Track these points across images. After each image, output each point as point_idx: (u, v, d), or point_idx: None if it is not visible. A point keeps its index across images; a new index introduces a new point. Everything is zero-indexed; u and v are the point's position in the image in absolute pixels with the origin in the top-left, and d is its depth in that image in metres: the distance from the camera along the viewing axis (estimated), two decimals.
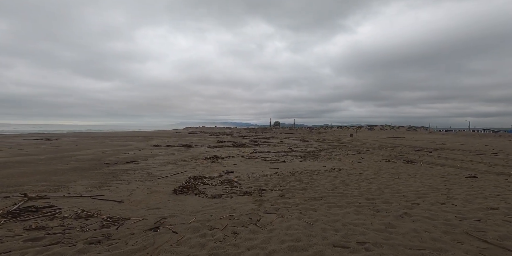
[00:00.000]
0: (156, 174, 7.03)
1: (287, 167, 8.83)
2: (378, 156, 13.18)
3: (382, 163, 10.24)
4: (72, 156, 10.62)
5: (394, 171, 8.18)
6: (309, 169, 8.39)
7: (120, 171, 7.44)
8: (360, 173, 7.60)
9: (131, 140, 22.15)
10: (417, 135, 55.31)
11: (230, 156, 12.24)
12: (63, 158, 9.76)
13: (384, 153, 15.06)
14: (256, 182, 6.32)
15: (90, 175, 6.74)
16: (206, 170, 7.92)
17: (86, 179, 6.19)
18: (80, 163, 8.67)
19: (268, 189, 5.61)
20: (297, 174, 7.42)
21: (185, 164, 9.11)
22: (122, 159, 9.95)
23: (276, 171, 7.94)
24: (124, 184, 5.82)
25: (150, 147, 16.10)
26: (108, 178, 6.37)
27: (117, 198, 4.65)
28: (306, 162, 10.53)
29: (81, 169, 7.61)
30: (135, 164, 8.89)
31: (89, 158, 9.97)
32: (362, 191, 5.43)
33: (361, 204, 4.48)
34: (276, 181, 6.44)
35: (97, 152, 12.17)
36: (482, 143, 27.06)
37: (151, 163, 9.25)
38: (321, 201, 4.73)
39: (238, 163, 9.89)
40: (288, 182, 6.34)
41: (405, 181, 6.59)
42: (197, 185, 5.72)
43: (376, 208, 4.29)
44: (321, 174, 7.44)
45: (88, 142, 18.32)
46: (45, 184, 5.59)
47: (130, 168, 7.93)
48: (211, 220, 3.66)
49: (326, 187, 5.84)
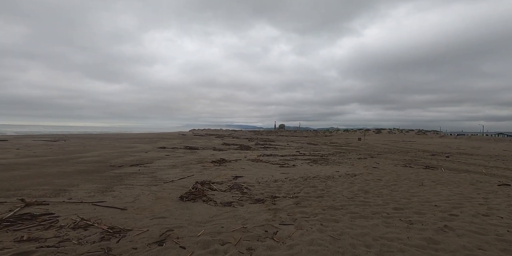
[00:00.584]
0: (161, 178, 6.71)
1: (298, 172, 8.39)
2: (392, 160, 12.58)
3: (398, 168, 9.68)
4: (78, 157, 10.44)
5: (415, 177, 7.64)
6: (322, 174, 7.94)
7: (125, 174, 7.15)
8: (378, 179, 7.10)
9: (137, 142, 22.04)
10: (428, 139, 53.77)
11: (237, 159, 11.87)
12: (69, 160, 9.57)
13: (397, 157, 14.42)
14: (267, 188, 5.91)
15: (94, 178, 6.46)
16: (214, 174, 7.56)
17: (89, 183, 5.91)
18: (86, 165, 8.44)
19: (281, 196, 5.20)
20: (310, 180, 6.98)
21: (191, 168, 8.78)
22: (128, 162, 9.69)
23: (287, 176, 7.52)
24: (128, 188, 5.51)
25: (156, 149, 15.88)
26: (112, 182, 6.07)
27: (120, 205, 4.32)
28: (317, 166, 10.06)
29: (86, 171, 7.36)
30: (140, 167, 8.61)
31: (95, 160, 9.76)
32: (386, 199, 4.96)
33: (389, 215, 4.02)
34: (288, 187, 6.02)
35: (104, 154, 11.98)
36: (499, 148, 25.93)
37: (157, 166, 8.95)
38: (342, 210, 4.29)
39: (246, 166, 9.51)
40: (301, 188, 5.91)
41: (431, 188, 6.07)
42: (205, 191, 5.35)
43: (408, 219, 3.83)
44: (336, 180, 6.98)
45: (96, 144, 18.26)
46: (46, 187, 5.31)
47: (135, 171, 7.64)
48: (222, 233, 3.27)
49: (344, 194, 5.39)
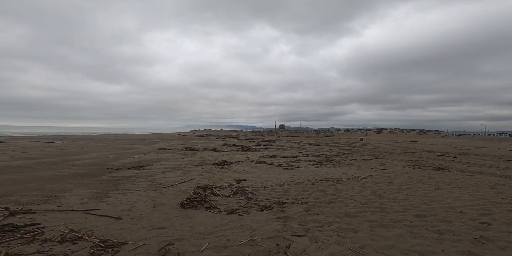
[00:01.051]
0: (161, 182, 6.34)
1: (304, 174, 8.02)
2: (399, 161, 12.21)
3: (408, 169, 9.31)
4: (74, 160, 10.07)
5: (428, 179, 7.27)
6: (329, 177, 7.57)
7: (122, 178, 6.78)
8: (389, 182, 6.73)
9: (137, 143, 21.68)
10: (430, 139, 53.39)
11: (240, 161, 11.50)
12: (65, 163, 9.21)
13: (403, 158, 14.05)
14: (273, 193, 5.55)
15: (89, 182, 6.09)
16: (216, 178, 7.19)
17: (83, 188, 5.54)
18: (81, 168, 8.07)
19: (289, 202, 4.83)
20: (317, 183, 6.61)
21: (192, 170, 8.41)
22: (126, 164, 9.33)
23: (292, 179, 7.16)
24: (125, 194, 5.14)
25: (156, 150, 15.52)
26: (108, 187, 5.70)
27: (114, 213, 3.95)
28: (322, 168, 9.69)
29: (81, 175, 6.99)
30: (139, 169, 8.24)
31: (92, 163, 9.39)
32: (404, 205, 4.59)
33: (412, 223, 3.65)
34: (296, 192, 5.65)
35: (101, 156, 11.62)
36: (504, 148, 25.55)
37: (156, 168, 8.58)
38: (358, 218, 3.92)
39: (249, 169, 9.14)
40: (310, 193, 5.54)
41: (449, 192, 5.70)
42: (207, 197, 4.99)
43: (435, 228, 3.46)
44: (345, 183, 6.61)
45: (94, 145, 17.89)
46: (36, 193, 4.95)
47: (133, 175, 7.27)
48: (228, 247, 2.91)
49: (357, 199, 5.02)
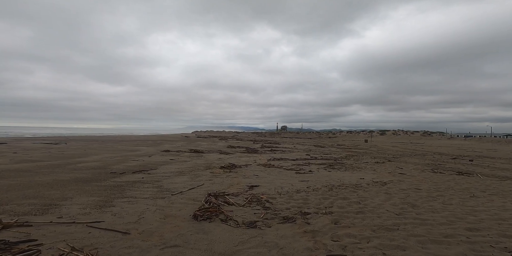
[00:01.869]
0: (168, 189, 5.90)
1: (319, 179, 7.55)
2: (414, 165, 11.68)
3: (428, 174, 8.79)
4: (77, 162, 9.69)
5: (456, 185, 6.76)
6: (346, 182, 7.09)
7: (127, 183, 6.35)
8: (416, 188, 6.23)
9: (140, 145, 21.33)
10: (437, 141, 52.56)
11: (247, 164, 11.05)
12: (66, 166, 8.82)
13: (417, 161, 13.51)
14: (291, 201, 5.08)
15: (91, 189, 5.67)
16: (226, 183, 6.74)
17: (85, 195, 5.11)
18: (84, 172, 7.66)
19: (312, 212, 4.37)
20: (336, 189, 6.14)
21: (200, 175, 7.97)
22: (131, 167, 8.91)
23: (308, 185, 6.69)
24: (131, 202, 4.70)
25: (160, 152, 15.12)
26: (112, 194, 5.27)
27: (121, 226, 3.51)
28: (336, 172, 9.20)
29: (83, 180, 6.58)
30: (144, 174, 7.81)
31: (95, 166, 8.99)
32: (446, 216, 4.10)
33: (470, 239, 3.17)
34: (316, 199, 5.18)
35: (105, 158, 11.23)
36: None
37: (162, 172, 8.16)
38: (399, 231, 3.44)
39: (259, 173, 8.68)
40: (332, 201, 5.07)
41: (488, 200, 5.20)
42: (220, 206, 4.54)
43: (502, 245, 2.98)
44: (367, 189, 6.13)
45: (97, 147, 17.55)
46: (34, 201, 4.53)
47: (138, 180, 6.84)
48: None
49: (388, 209, 4.54)
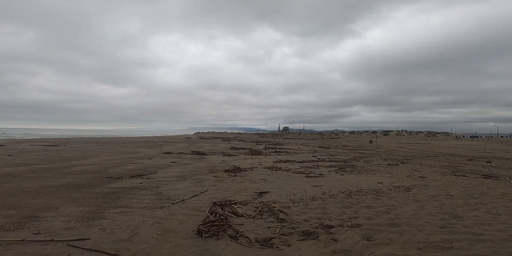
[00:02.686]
0: (168, 196, 5.28)
1: (332, 184, 6.89)
2: (430, 167, 10.97)
3: (450, 177, 8.11)
4: (72, 166, 9.11)
5: (490, 190, 6.07)
6: (364, 187, 6.44)
7: (123, 190, 5.74)
8: (446, 195, 5.55)
9: (142, 146, 20.78)
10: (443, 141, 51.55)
11: (253, 166, 10.42)
12: (60, 169, 8.24)
13: (431, 163, 12.79)
14: (308, 211, 4.45)
15: (82, 196, 5.07)
16: (232, 189, 6.12)
17: (74, 204, 4.51)
18: (77, 177, 7.07)
19: (335, 224, 3.73)
20: (356, 196, 5.49)
21: (203, 179, 7.35)
22: (129, 171, 8.32)
23: (322, 190, 6.04)
24: (125, 214, 4.09)
25: (161, 154, 14.54)
26: (104, 203, 4.66)
27: (110, 246, 2.89)
28: (349, 175, 8.54)
29: (75, 186, 5.98)
30: (142, 178, 7.20)
31: (91, 170, 8.40)
32: (504, 230, 3.45)
33: None
34: (336, 208, 4.54)
35: (103, 161, 10.65)
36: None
37: (162, 176, 7.55)
38: (456, 251, 2.82)
39: (266, 177, 8.05)
40: (355, 210, 4.43)
41: None
42: (228, 218, 3.91)
43: None
44: (391, 196, 5.47)
45: (97, 149, 17.01)
46: (12, 213, 3.93)
47: (136, 185, 6.23)
48: None
49: (426, 220, 3.89)
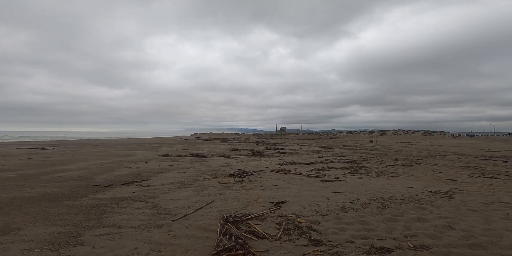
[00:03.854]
0: (167, 209, 4.32)
1: (356, 189, 6.00)
2: (449, 167, 10.17)
3: (482, 180, 7.28)
4: (55, 171, 8.07)
5: None
6: (395, 193, 5.55)
7: (111, 201, 4.76)
8: (499, 202, 4.66)
9: (137, 148, 19.68)
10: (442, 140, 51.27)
11: (259, 170, 9.49)
12: (41, 176, 7.20)
13: (446, 163, 12.02)
14: (345, 226, 3.54)
15: (59, 211, 4.08)
16: (242, 198, 5.18)
17: (44, 223, 3.52)
18: (58, 185, 6.05)
19: (392, 247, 2.85)
20: (393, 205, 4.59)
21: (206, 186, 6.39)
22: (121, 177, 7.32)
23: (348, 198, 5.14)
24: (111, 237, 3.12)
25: (157, 157, 13.51)
26: (85, 220, 3.68)
27: None
28: (368, 179, 7.68)
29: (53, 197, 4.98)
30: (136, 186, 6.22)
31: (76, 176, 7.37)
32: None
33: None
34: (379, 222, 3.64)
35: (91, 166, 9.61)
36: None
37: (159, 183, 6.57)
38: None
39: (277, 182, 7.14)
40: (405, 225, 3.54)
41: None
42: (247, 242, 2.98)
43: None
44: (435, 204, 4.58)
45: (88, 151, 15.90)
46: None
47: (128, 195, 5.25)
48: None
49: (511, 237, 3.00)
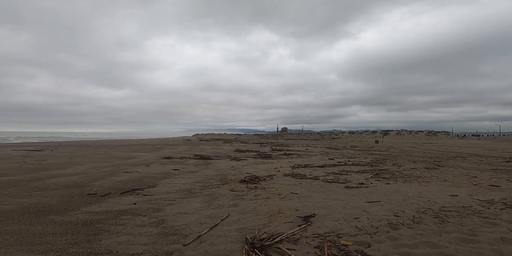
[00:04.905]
0: (176, 227, 3.52)
1: (390, 198, 5.19)
2: (480, 171, 9.34)
3: None
4: (48, 177, 7.30)
5: None
6: (442, 202, 4.74)
7: (107, 216, 3.97)
8: None
9: (138, 150, 18.93)
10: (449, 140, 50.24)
11: (270, 174, 8.70)
12: (30, 183, 6.43)
13: (471, 165, 11.18)
14: (408, 251, 2.77)
15: (42, 230, 3.29)
16: (261, 211, 4.38)
17: (20, 248, 2.73)
18: (48, 194, 5.28)
19: None
20: (452, 218, 3.78)
21: (217, 195, 5.59)
22: (120, 184, 6.54)
23: (389, 209, 4.34)
24: None
25: (160, 159, 12.74)
26: (74, 243, 2.89)
27: None
28: (396, 184, 6.87)
29: (38, 210, 4.20)
30: (137, 195, 5.43)
31: (70, 182, 6.60)
32: None
33: None
34: (452, 245, 2.83)
35: (89, 170, 8.84)
36: None
37: (164, 192, 5.78)
38: None
39: (295, 188, 6.35)
40: (494, 248, 2.73)
41: None
42: None
43: None
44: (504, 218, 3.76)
45: (87, 153, 15.16)
46: None
47: (128, 208, 4.46)
48: None
49: None
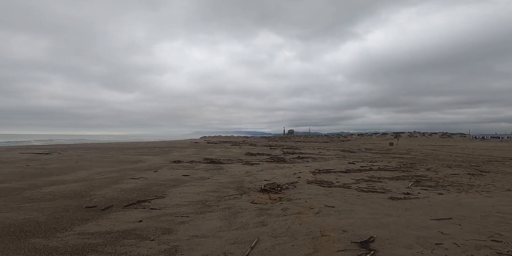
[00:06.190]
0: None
1: (462, 214, 4.16)
2: None
3: None
4: (47, 184, 6.56)
5: None
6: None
7: (105, 241, 3.11)
8: None
9: (146, 153, 18.28)
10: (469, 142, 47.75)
11: (291, 181, 7.75)
12: (25, 191, 5.68)
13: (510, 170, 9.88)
14: None
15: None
16: (298, 232, 3.43)
17: None
18: (39, 207, 4.48)
19: None
20: None
21: (237, 209, 4.67)
22: (125, 193, 5.72)
23: (474, 230, 3.34)
24: None
25: (169, 163, 11.96)
26: None
27: None
28: (455, 195, 5.81)
29: (21, 229, 3.38)
30: (144, 208, 4.56)
31: (69, 191, 5.82)
32: None
33: None
34: None
35: (93, 175, 8.10)
36: None
37: (175, 204, 4.89)
38: None
39: (327, 199, 5.38)
40: None
41: None
42: None
43: None
44: None
45: (94, 157, 14.56)
46: None
47: (131, 227, 3.60)
48: None
49: None
